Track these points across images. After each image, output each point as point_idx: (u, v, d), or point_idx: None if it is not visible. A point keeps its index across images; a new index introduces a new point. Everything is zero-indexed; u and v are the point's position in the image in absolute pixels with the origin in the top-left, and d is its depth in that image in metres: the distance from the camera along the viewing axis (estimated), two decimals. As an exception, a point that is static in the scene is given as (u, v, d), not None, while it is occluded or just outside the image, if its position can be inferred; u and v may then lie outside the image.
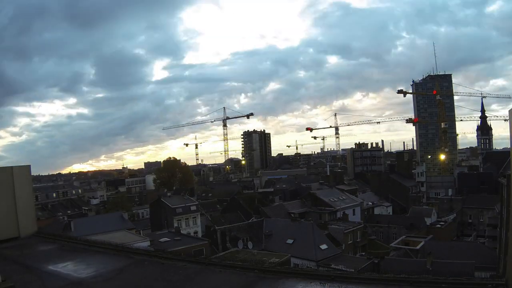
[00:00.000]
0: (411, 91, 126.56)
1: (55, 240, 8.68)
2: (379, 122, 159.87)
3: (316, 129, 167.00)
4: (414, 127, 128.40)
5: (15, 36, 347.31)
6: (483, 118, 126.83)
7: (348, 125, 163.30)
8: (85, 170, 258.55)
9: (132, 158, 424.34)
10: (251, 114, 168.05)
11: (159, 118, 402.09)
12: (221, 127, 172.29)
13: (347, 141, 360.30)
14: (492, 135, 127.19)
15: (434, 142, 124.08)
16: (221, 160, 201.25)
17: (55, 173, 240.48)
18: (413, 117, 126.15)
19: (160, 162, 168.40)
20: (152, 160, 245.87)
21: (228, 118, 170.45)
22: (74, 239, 8.75)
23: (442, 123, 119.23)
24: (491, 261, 32.25)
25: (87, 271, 6.30)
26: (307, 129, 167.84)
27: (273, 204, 64.87)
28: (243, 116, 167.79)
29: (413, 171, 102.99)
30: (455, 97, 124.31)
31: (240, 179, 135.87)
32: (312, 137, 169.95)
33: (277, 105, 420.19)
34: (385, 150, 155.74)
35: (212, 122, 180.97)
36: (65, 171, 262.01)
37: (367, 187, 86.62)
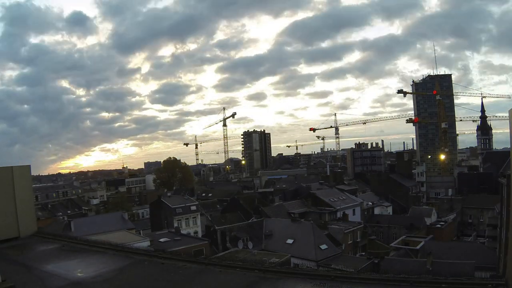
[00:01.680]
0: (411, 91, 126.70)
1: (55, 240, 8.68)
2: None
3: (319, 129, 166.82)
4: (414, 127, 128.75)
5: None
6: (483, 118, 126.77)
7: (347, 124, 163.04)
8: (85, 170, 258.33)
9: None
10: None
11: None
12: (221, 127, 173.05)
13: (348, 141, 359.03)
14: (492, 135, 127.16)
15: (434, 142, 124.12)
16: (221, 160, 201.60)
17: (54, 173, 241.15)
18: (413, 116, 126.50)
19: (160, 162, 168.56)
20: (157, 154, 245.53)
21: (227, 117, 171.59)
22: (74, 239, 8.76)
23: (442, 123, 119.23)
24: (491, 261, 32.26)
25: (87, 271, 6.30)
26: (310, 129, 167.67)
27: (273, 204, 64.75)
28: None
29: (413, 171, 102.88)
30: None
31: (240, 179, 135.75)
32: (316, 137, 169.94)
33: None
34: (385, 150, 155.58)
35: (217, 123, 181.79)
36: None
37: (367, 187, 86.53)
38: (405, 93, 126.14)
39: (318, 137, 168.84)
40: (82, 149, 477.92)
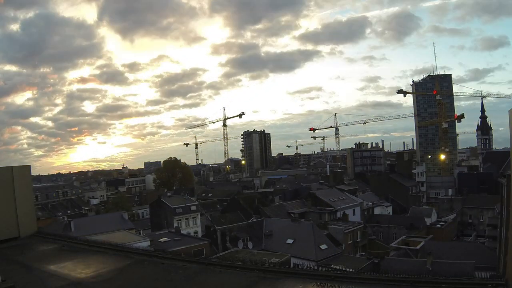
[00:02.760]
0: (411, 91, 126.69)
1: (55, 240, 8.68)
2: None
3: (318, 129, 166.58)
4: (414, 126, 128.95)
5: None
6: (483, 118, 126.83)
7: (347, 124, 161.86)
8: (85, 169, 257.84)
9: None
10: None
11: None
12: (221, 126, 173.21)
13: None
14: (492, 135, 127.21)
15: (434, 142, 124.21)
16: (221, 160, 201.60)
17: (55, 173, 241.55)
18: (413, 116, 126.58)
19: (160, 162, 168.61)
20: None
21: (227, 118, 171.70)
22: (74, 239, 8.76)
23: (442, 123, 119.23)
24: (491, 261, 32.30)
25: (87, 271, 6.30)
26: (310, 129, 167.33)
27: (273, 204, 64.78)
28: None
29: (413, 171, 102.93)
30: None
31: (240, 179, 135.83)
32: (312, 137, 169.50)
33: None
34: (385, 150, 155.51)
35: (213, 122, 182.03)
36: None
37: (367, 187, 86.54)
38: (405, 93, 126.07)
39: (314, 137, 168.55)
40: (68, 137, 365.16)
